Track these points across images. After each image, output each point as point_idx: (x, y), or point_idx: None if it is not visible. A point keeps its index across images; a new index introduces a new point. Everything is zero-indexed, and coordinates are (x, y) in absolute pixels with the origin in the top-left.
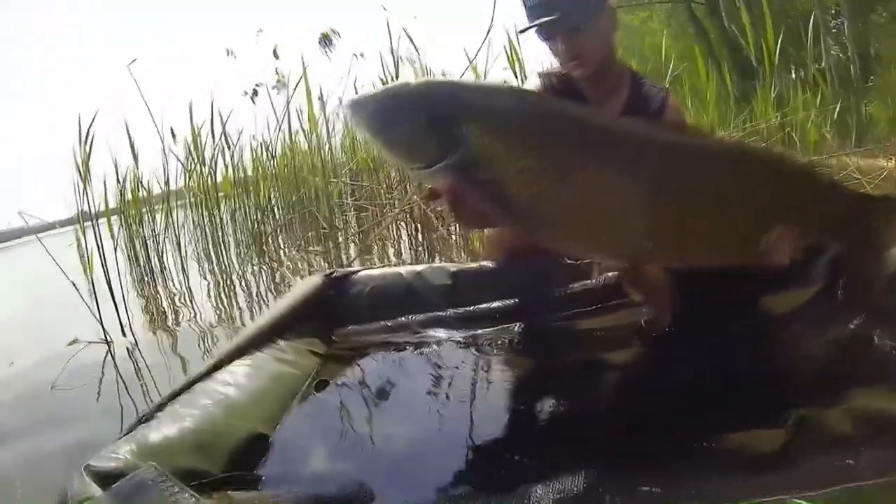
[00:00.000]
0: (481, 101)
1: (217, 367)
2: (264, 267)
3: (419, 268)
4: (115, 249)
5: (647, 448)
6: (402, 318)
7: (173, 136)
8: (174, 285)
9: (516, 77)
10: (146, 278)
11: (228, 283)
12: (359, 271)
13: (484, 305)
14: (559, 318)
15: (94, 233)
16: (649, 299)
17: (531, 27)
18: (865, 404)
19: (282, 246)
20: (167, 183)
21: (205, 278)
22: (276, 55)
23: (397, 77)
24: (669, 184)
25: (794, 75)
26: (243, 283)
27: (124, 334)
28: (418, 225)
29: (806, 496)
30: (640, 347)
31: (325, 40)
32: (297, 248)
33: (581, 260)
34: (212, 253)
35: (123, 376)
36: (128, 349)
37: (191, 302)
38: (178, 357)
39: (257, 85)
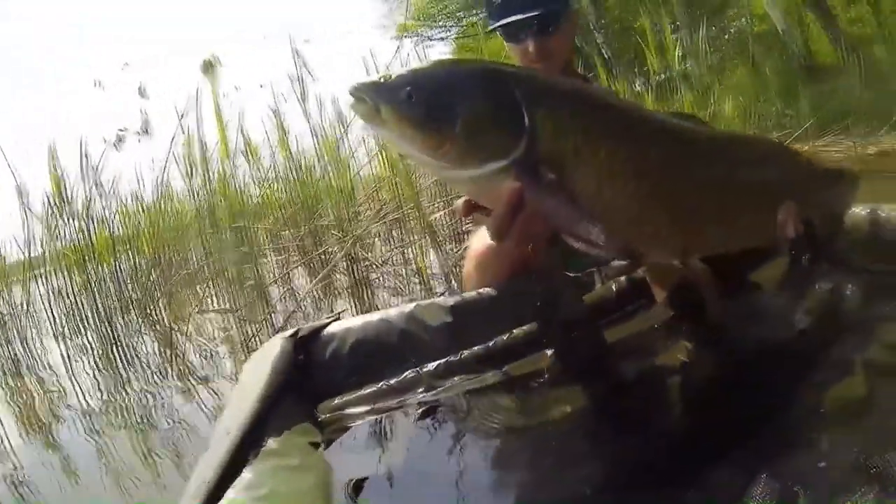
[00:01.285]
0: (544, 83)
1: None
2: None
3: (407, 308)
4: None
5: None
6: (410, 373)
7: (20, 192)
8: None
9: None
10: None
11: (112, 358)
12: (328, 324)
13: (503, 338)
14: (586, 334)
15: None
16: (704, 292)
17: (502, 24)
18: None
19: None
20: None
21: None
22: (142, 93)
23: (304, 99)
24: (715, 174)
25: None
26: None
27: None
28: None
29: None
30: (682, 346)
31: (208, 68)
32: (199, 311)
33: (584, 270)
34: (89, 323)
35: None
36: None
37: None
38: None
39: (121, 129)
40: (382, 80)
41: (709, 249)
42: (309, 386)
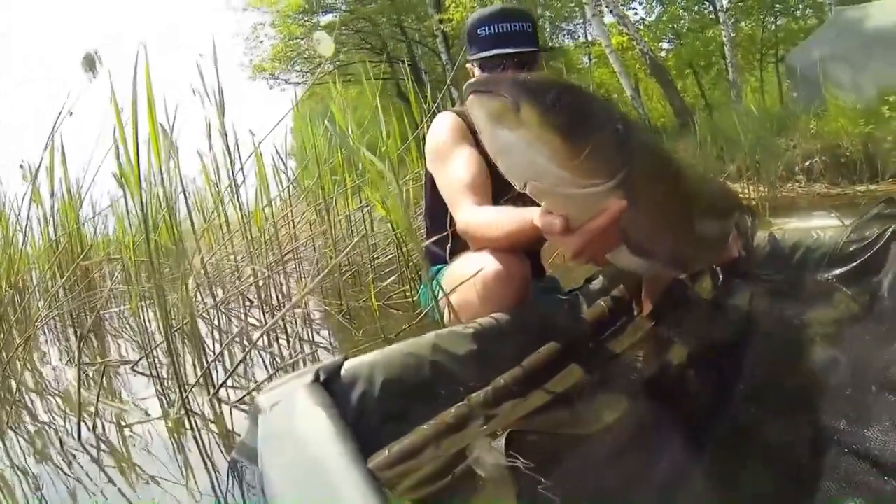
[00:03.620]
0: (631, 122)
1: None
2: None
3: (428, 339)
4: None
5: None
6: (463, 404)
7: None
8: None
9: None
10: None
11: None
12: (342, 362)
13: (534, 358)
14: (597, 349)
15: None
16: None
17: (486, 56)
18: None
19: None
20: None
21: None
22: None
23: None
24: (711, 206)
25: None
26: None
27: None
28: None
29: None
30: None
31: (89, 64)
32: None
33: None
34: None
35: None
36: None
37: None
38: None
39: None
40: (522, 79)
41: (703, 264)
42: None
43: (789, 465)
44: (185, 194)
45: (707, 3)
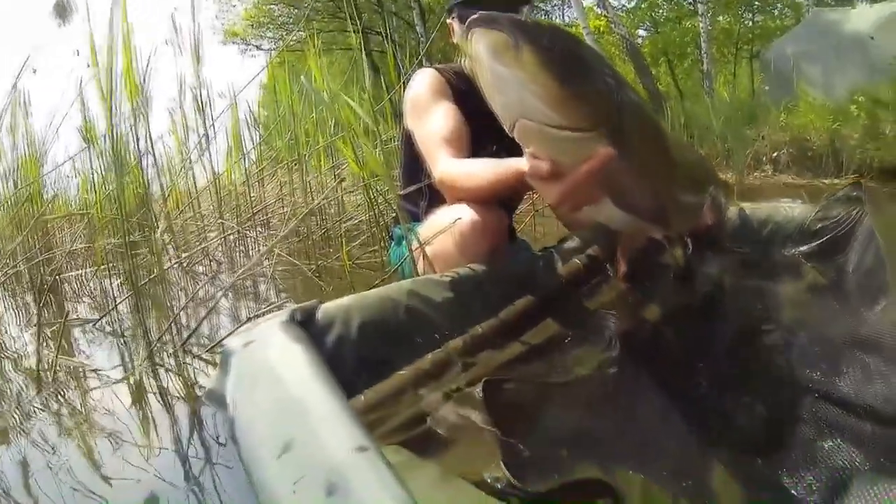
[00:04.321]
0: (620, 75)
1: None
2: None
3: (405, 285)
4: None
5: None
6: (440, 351)
7: None
8: None
9: None
10: None
11: None
12: (318, 305)
13: (512, 309)
14: (572, 304)
15: None
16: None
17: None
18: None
19: None
20: None
21: None
22: None
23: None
24: (690, 170)
25: None
26: None
27: None
28: None
29: None
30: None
31: (60, 11)
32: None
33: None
34: None
35: None
36: None
37: None
38: None
39: None
40: (524, 20)
41: (680, 227)
42: None
43: (768, 413)
44: (152, 150)
45: None
